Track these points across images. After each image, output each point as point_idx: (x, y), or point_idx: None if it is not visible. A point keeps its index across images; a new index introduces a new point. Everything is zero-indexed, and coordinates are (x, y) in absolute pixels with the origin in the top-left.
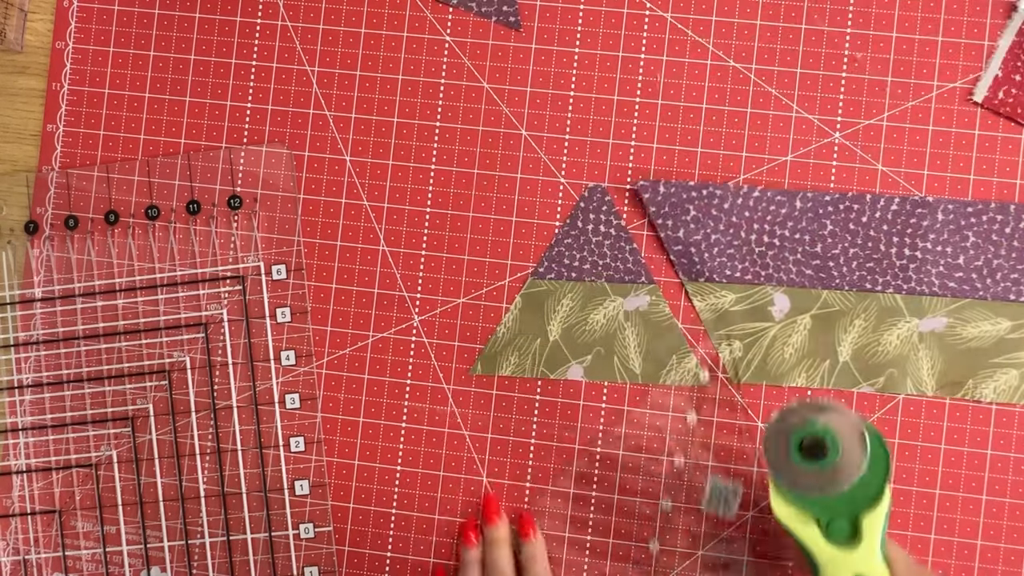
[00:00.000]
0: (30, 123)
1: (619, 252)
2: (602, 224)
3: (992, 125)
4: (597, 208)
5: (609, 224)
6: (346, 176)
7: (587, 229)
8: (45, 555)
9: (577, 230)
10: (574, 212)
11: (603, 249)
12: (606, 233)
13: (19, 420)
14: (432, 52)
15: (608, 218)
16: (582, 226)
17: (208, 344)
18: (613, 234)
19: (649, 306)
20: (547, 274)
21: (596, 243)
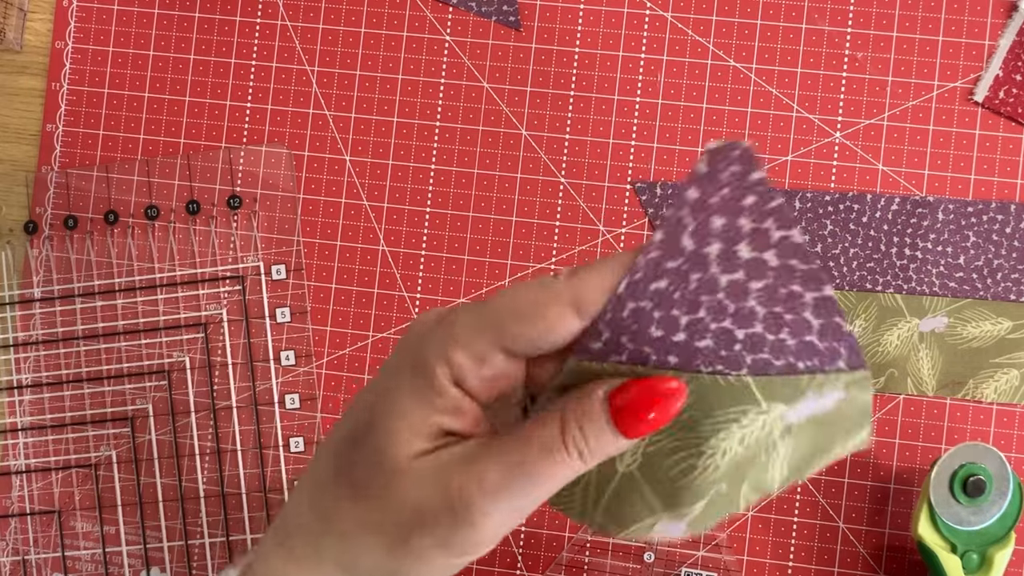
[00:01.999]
0: (29, 123)
1: (786, 305)
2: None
3: (993, 125)
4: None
5: (766, 241)
6: (346, 176)
7: (708, 256)
8: (44, 555)
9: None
10: (671, 220)
11: (747, 302)
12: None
13: (18, 420)
14: (432, 52)
15: (762, 225)
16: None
17: (208, 344)
18: (773, 264)
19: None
20: (610, 355)
21: (731, 287)
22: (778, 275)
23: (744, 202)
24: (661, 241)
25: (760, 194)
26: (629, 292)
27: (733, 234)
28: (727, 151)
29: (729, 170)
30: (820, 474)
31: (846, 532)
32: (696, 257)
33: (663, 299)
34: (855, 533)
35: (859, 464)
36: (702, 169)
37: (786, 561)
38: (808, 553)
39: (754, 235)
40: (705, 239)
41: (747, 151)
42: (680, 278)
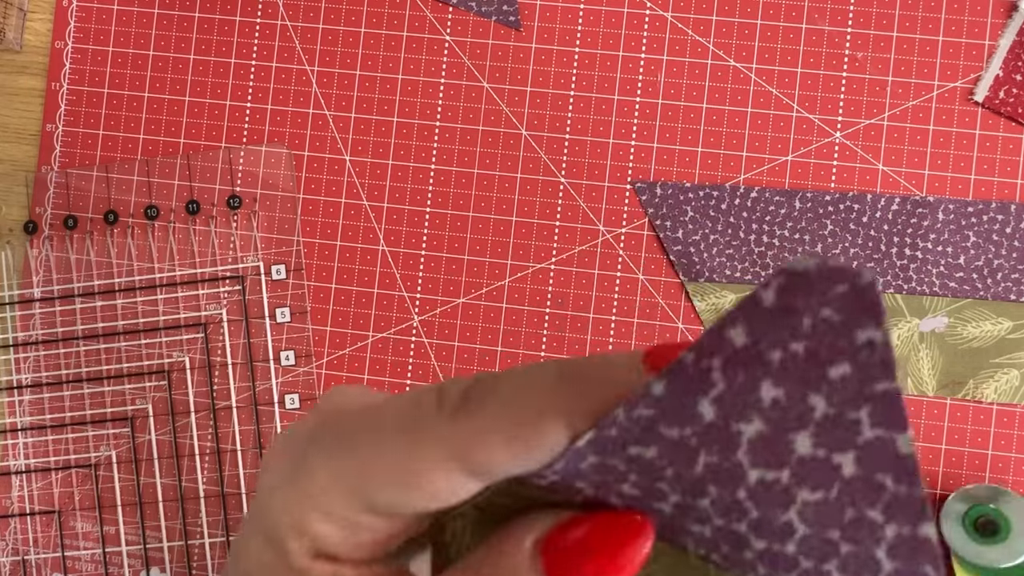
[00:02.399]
0: (29, 123)
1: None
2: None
3: (993, 125)
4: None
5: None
6: (346, 176)
7: (730, 420)
8: (44, 555)
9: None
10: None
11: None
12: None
13: (18, 420)
14: (432, 52)
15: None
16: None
17: (207, 344)
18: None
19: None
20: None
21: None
22: (850, 491)
23: (831, 371)
24: (661, 397)
25: (864, 365)
26: (593, 447)
27: (793, 416)
28: (825, 281)
29: (819, 315)
30: None
31: None
32: (717, 435)
33: (646, 467)
34: None
35: None
36: (768, 299)
37: None
38: None
39: (829, 425)
40: (740, 412)
41: (864, 291)
42: (681, 454)
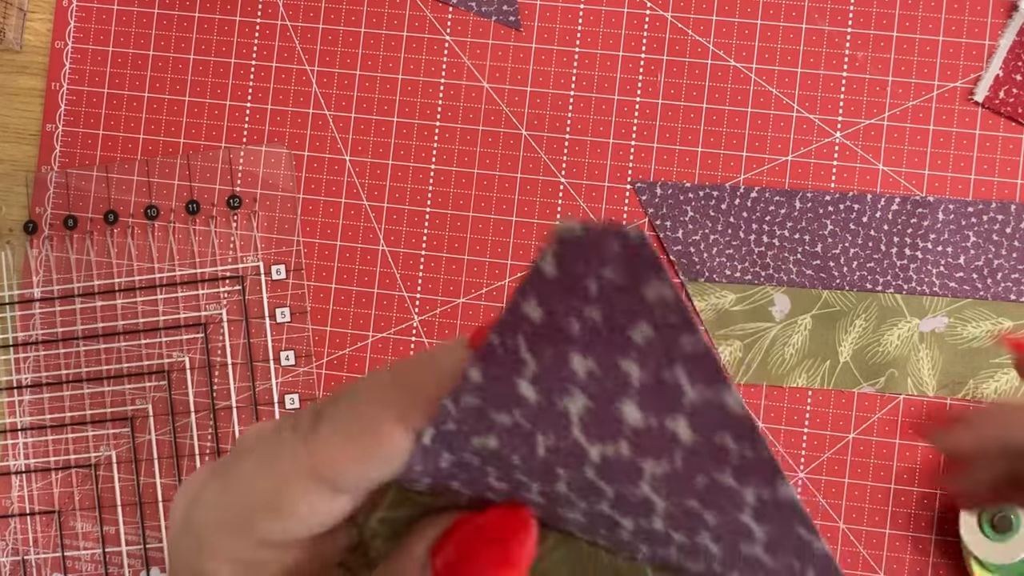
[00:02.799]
0: (29, 123)
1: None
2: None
3: (993, 125)
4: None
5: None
6: (346, 176)
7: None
8: (44, 555)
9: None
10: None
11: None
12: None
13: (18, 420)
14: (432, 52)
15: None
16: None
17: (207, 344)
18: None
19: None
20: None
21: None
22: (695, 457)
23: (633, 334)
24: (480, 384)
25: (662, 323)
26: (440, 443)
27: (612, 385)
28: (597, 243)
29: (603, 277)
30: (820, 473)
31: (846, 532)
32: (545, 413)
33: (496, 459)
34: (855, 533)
35: (859, 464)
36: (550, 269)
37: None
38: None
39: (650, 390)
40: (560, 389)
41: (637, 247)
42: (520, 439)
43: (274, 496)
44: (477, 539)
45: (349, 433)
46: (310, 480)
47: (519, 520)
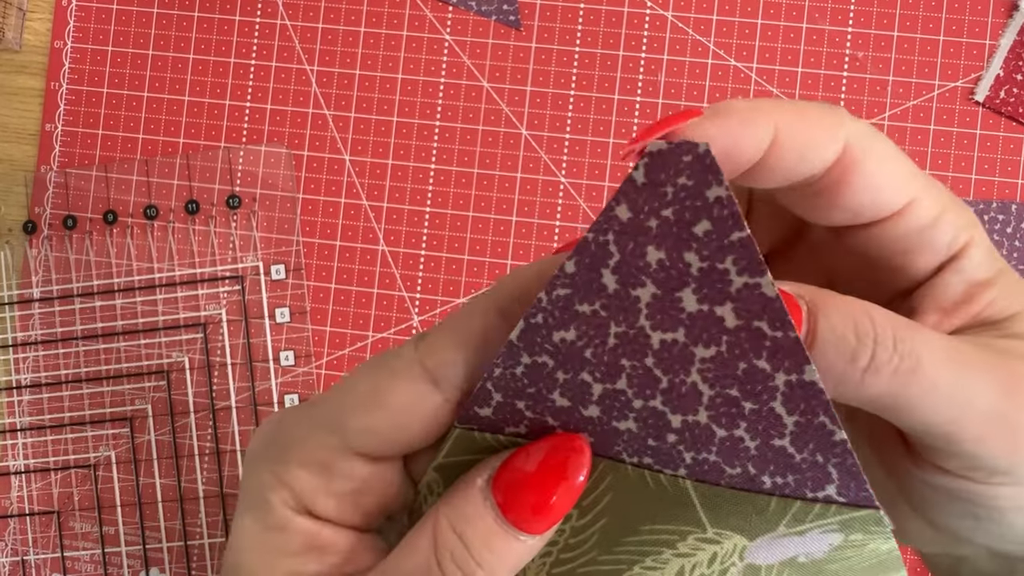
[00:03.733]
0: (28, 122)
1: (748, 390)
2: (691, 287)
3: (994, 125)
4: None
5: (719, 282)
6: (345, 176)
7: (635, 303)
8: (44, 556)
9: (602, 299)
10: (587, 245)
11: (688, 376)
12: (701, 318)
13: (17, 421)
14: (432, 51)
15: (717, 264)
16: (619, 289)
17: (207, 344)
18: (731, 326)
19: (835, 551)
20: (501, 418)
21: (664, 350)
22: (736, 342)
23: (696, 229)
24: (573, 274)
25: (718, 220)
26: (524, 340)
27: (676, 274)
28: (676, 155)
29: (677, 183)
30: None
31: None
32: (620, 302)
33: (569, 356)
34: None
35: None
36: (638, 179)
37: None
38: None
39: (705, 279)
40: (635, 277)
41: (704, 156)
42: (595, 329)
43: (375, 390)
44: (535, 464)
45: (451, 324)
46: (415, 374)
47: (575, 445)
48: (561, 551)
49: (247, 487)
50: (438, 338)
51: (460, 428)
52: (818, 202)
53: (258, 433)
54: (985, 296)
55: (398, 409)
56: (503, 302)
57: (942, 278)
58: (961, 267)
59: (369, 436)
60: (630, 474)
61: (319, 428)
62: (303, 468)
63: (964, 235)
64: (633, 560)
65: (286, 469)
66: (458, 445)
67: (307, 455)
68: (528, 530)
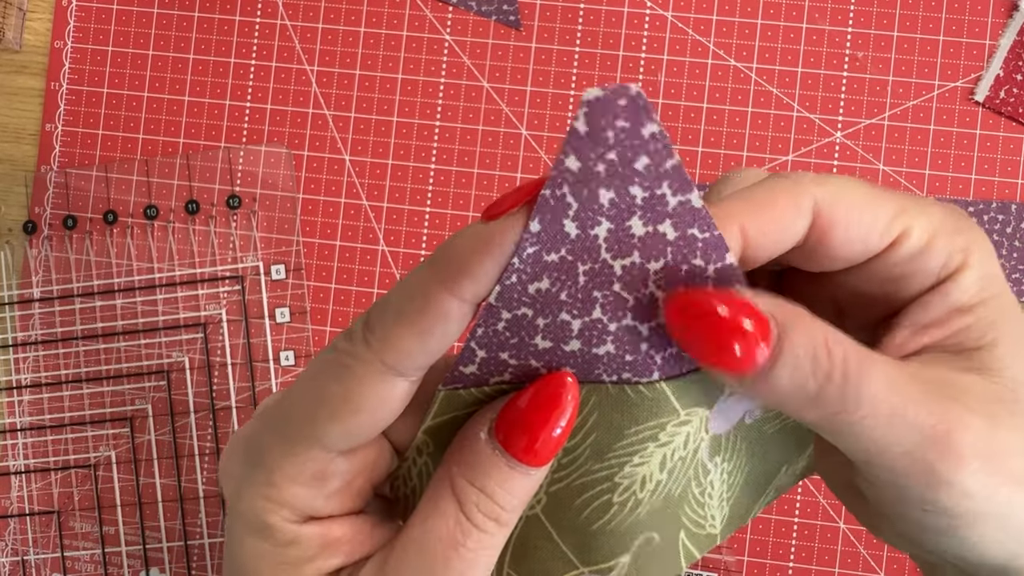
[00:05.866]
0: (28, 122)
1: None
2: (638, 216)
3: (993, 125)
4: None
5: (661, 212)
6: (345, 176)
7: (594, 241)
8: (44, 556)
9: (567, 243)
10: (546, 198)
11: (645, 289)
12: (651, 239)
13: (17, 420)
14: (432, 51)
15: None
16: (579, 233)
17: (207, 344)
18: (672, 239)
19: (768, 424)
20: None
21: (627, 274)
22: (678, 250)
23: (637, 165)
24: (539, 232)
25: (654, 153)
26: (502, 300)
27: (624, 208)
28: (611, 101)
29: (616, 126)
30: None
31: (846, 532)
32: (582, 244)
33: (547, 303)
34: (855, 533)
35: None
36: (581, 128)
37: (786, 561)
38: (808, 553)
39: (648, 205)
40: (592, 219)
41: (635, 98)
42: (565, 274)
43: (346, 398)
44: (529, 405)
45: (405, 317)
46: (378, 372)
47: (562, 380)
48: (555, 471)
49: (241, 513)
50: (391, 330)
51: (445, 390)
52: (808, 259)
53: (229, 455)
54: (960, 321)
55: (372, 408)
56: (448, 279)
57: (926, 299)
58: (947, 290)
59: (351, 437)
60: (611, 391)
61: (300, 444)
62: (296, 485)
63: (958, 258)
64: (623, 462)
65: (279, 491)
66: (444, 406)
67: (297, 472)
68: (535, 463)
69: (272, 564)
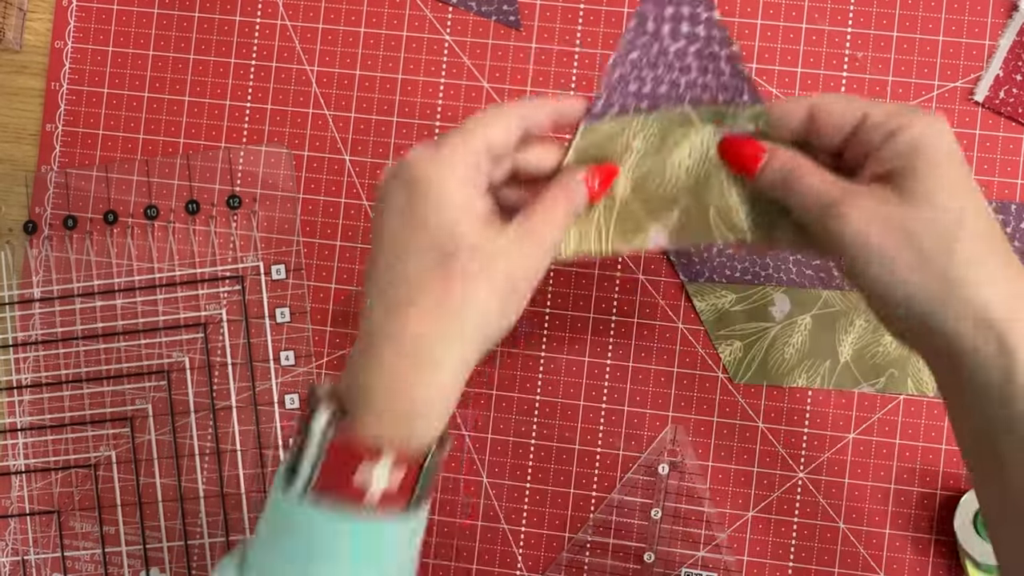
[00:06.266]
0: (29, 123)
1: (710, 62)
2: (685, 22)
3: (993, 125)
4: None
5: (696, 21)
6: (346, 176)
7: (662, 33)
8: (44, 555)
9: (647, 35)
10: (640, 12)
11: (687, 60)
12: (691, 35)
13: (18, 420)
14: (432, 51)
15: (695, 11)
16: (654, 29)
17: (207, 344)
18: (702, 35)
19: (755, 136)
20: (609, 109)
21: (677, 52)
22: (706, 41)
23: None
24: (634, 26)
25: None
26: (616, 62)
27: (678, 16)
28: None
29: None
30: (820, 474)
31: (846, 532)
32: (655, 34)
33: (636, 65)
34: (855, 533)
35: (859, 464)
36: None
37: (786, 561)
38: (808, 553)
39: (691, 16)
40: (661, 22)
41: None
42: (646, 50)
43: (494, 117)
44: (592, 170)
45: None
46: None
47: (609, 168)
48: (634, 169)
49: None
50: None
51: (586, 126)
52: (818, 138)
53: (420, 152)
54: (889, 162)
55: (504, 136)
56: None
57: (877, 152)
58: (888, 144)
59: (495, 144)
60: (665, 113)
61: (472, 135)
62: (460, 168)
63: (893, 124)
64: (670, 152)
65: (471, 146)
66: (583, 138)
67: (468, 149)
68: (594, 199)
69: (479, 223)
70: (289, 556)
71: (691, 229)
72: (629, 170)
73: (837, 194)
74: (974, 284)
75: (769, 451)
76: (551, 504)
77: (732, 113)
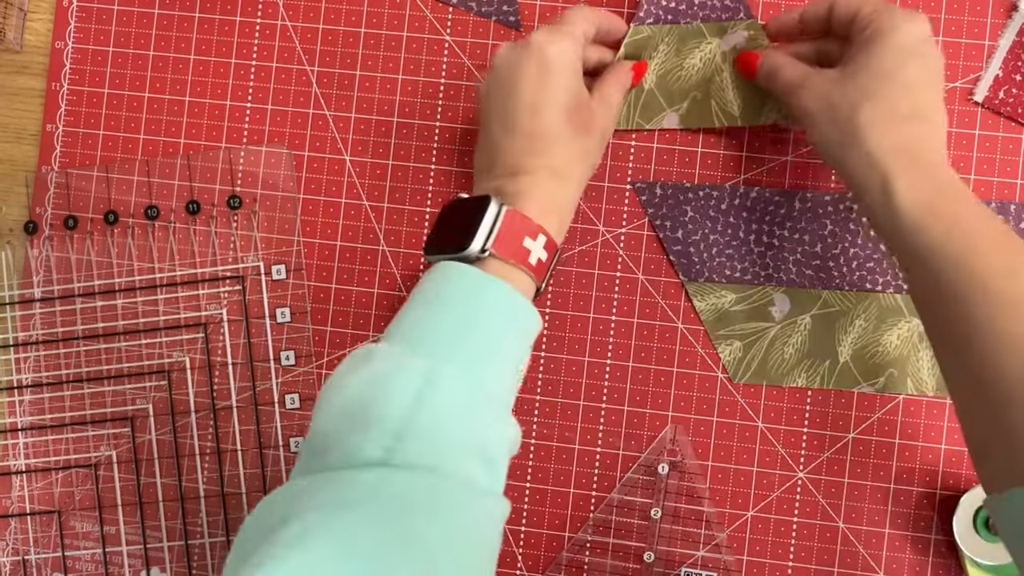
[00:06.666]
0: (29, 123)
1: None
2: None
3: (993, 125)
4: None
5: None
6: (346, 176)
7: None
8: (44, 555)
9: None
10: None
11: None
12: None
13: (18, 420)
14: (432, 52)
15: None
16: None
17: (208, 344)
18: None
19: (747, 42)
20: (647, 19)
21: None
22: None
23: None
24: None
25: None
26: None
27: None
28: None
29: None
30: (820, 473)
31: (846, 532)
32: None
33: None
34: (855, 533)
35: (859, 464)
36: None
37: (786, 561)
38: (808, 553)
39: None
40: None
41: None
42: None
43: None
44: (630, 64)
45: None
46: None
47: (640, 64)
48: (661, 62)
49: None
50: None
51: (634, 26)
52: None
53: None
54: (855, 41)
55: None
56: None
57: (850, 35)
58: (855, 27)
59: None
60: (673, 33)
61: (571, 24)
62: (568, 39)
63: (874, 17)
64: (687, 54)
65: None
66: (630, 38)
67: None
68: (637, 78)
69: (577, 94)
70: (450, 317)
71: (696, 115)
72: (655, 67)
73: (799, 78)
74: (866, 137)
75: (769, 451)
76: (551, 503)
77: (732, 28)
